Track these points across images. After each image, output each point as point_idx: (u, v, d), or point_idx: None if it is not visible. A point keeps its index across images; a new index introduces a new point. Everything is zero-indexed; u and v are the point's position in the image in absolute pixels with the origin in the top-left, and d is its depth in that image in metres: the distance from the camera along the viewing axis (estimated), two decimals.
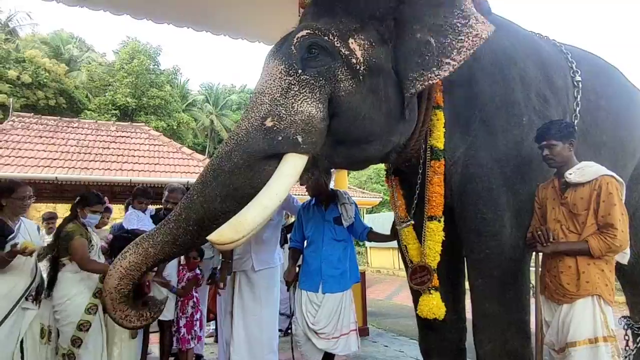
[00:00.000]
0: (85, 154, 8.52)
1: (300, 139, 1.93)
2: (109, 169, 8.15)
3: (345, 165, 2.46)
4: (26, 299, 2.61)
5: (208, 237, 1.82)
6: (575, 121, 2.53)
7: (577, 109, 2.59)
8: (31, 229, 2.83)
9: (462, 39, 2.01)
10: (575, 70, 2.67)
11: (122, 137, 9.55)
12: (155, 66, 23.01)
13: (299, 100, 1.96)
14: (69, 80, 20.32)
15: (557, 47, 2.82)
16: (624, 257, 2.15)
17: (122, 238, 3.32)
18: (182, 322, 3.49)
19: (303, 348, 2.89)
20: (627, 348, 3.34)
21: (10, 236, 2.60)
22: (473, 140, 2.34)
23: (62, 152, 8.38)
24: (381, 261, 14.40)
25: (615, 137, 2.83)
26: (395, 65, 2.12)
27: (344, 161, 2.30)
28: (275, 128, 1.92)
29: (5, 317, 2.47)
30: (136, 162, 8.59)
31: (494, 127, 2.33)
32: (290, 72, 1.99)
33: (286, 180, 1.92)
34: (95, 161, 8.33)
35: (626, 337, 3.37)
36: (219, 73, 64.81)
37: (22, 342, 2.59)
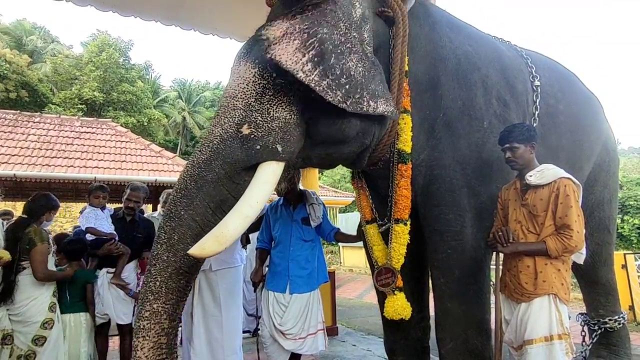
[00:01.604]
0: (47, 150, 8.16)
1: (280, 148, 1.90)
2: (72, 166, 7.82)
3: (320, 164, 2.47)
4: None
5: (190, 252, 1.73)
6: (535, 125, 2.60)
7: (537, 113, 2.66)
8: None
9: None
10: (534, 75, 2.74)
11: (87, 133, 9.19)
12: (126, 61, 22.32)
13: (274, 105, 1.92)
14: (32, 72, 19.43)
15: (517, 52, 2.89)
16: (580, 257, 2.22)
17: (73, 241, 3.19)
18: None
19: (269, 349, 2.85)
20: (584, 343, 3.48)
21: None
22: (437, 142, 2.38)
23: (22, 148, 8.00)
24: (354, 260, 14.47)
25: (573, 141, 2.92)
26: None
27: (320, 161, 2.30)
28: (252, 136, 1.87)
29: None
30: (101, 159, 8.29)
31: (457, 130, 2.37)
32: (265, 75, 1.94)
33: (266, 187, 1.89)
34: (58, 158, 7.98)
35: (583, 333, 3.51)
36: (192, 69, 63.68)
37: None
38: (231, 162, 1.86)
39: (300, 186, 3.08)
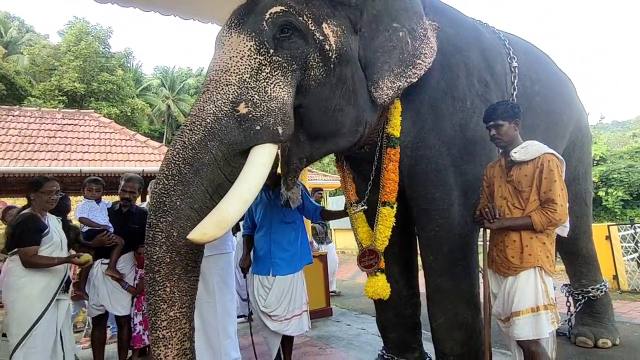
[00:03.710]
0: (29, 143, 7.97)
1: (280, 130, 1.80)
2: (56, 159, 7.68)
3: (319, 158, 2.41)
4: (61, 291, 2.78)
5: (189, 236, 1.59)
6: None
7: (514, 93, 2.71)
8: (55, 224, 2.90)
9: (424, 47, 2.17)
10: (512, 57, 2.79)
11: (70, 125, 9.00)
12: (106, 49, 21.72)
13: (271, 84, 1.82)
14: (8, 64, 18.80)
15: (495, 34, 2.92)
16: (564, 230, 2.27)
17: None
18: (137, 319, 3.40)
19: (263, 332, 2.93)
20: (569, 313, 3.61)
21: (45, 231, 2.70)
22: (422, 124, 2.40)
23: (3, 143, 7.80)
24: (345, 242, 14.62)
25: (548, 121, 3.00)
26: (364, 57, 2.11)
27: (319, 156, 2.27)
28: (251, 116, 1.76)
29: (46, 310, 2.63)
30: (86, 152, 8.15)
31: (441, 111, 2.39)
32: (261, 50, 1.84)
33: (263, 169, 1.78)
34: (41, 151, 7.82)
35: (568, 304, 3.64)
36: (173, 55, 62.20)
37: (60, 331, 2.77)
38: (228, 143, 1.74)
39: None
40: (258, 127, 1.76)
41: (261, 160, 1.78)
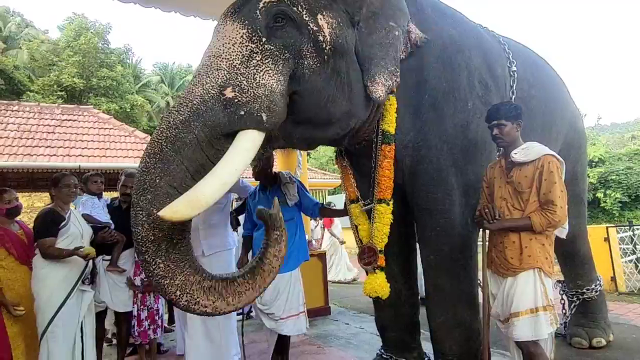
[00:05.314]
0: (28, 139, 7.97)
1: (264, 117, 1.81)
2: (55, 154, 7.68)
3: (301, 145, 2.42)
4: (82, 282, 2.86)
5: (159, 213, 1.56)
6: None
7: (513, 97, 2.74)
8: (80, 218, 3.05)
9: (402, 49, 2.27)
10: (511, 61, 2.81)
11: (69, 120, 9.00)
12: (105, 45, 21.64)
13: (261, 71, 1.84)
14: (7, 59, 18.74)
15: (495, 38, 2.95)
16: (563, 231, 2.28)
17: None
18: (143, 315, 3.39)
19: (264, 328, 2.95)
20: (564, 311, 3.63)
21: (62, 223, 2.84)
22: (423, 124, 2.41)
23: (1, 138, 7.80)
24: (347, 240, 14.61)
25: (543, 123, 3.03)
26: (361, 51, 2.12)
27: (302, 142, 2.26)
28: (236, 101, 1.78)
29: (67, 298, 2.75)
30: (85, 147, 8.15)
31: (442, 111, 2.40)
32: (253, 38, 1.87)
33: (246, 155, 1.79)
34: (40, 147, 7.82)
35: (562, 302, 3.65)
36: (173, 52, 62.02)
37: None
38: (212, 125, 1.74)
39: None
40: (242, 112, 1.78)
41: (244, 146, 1.79)
